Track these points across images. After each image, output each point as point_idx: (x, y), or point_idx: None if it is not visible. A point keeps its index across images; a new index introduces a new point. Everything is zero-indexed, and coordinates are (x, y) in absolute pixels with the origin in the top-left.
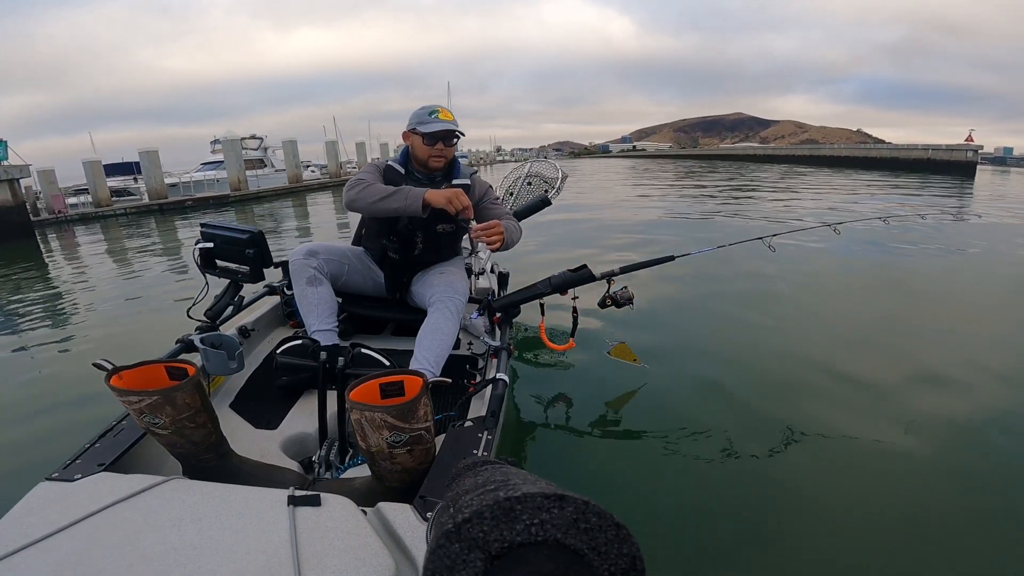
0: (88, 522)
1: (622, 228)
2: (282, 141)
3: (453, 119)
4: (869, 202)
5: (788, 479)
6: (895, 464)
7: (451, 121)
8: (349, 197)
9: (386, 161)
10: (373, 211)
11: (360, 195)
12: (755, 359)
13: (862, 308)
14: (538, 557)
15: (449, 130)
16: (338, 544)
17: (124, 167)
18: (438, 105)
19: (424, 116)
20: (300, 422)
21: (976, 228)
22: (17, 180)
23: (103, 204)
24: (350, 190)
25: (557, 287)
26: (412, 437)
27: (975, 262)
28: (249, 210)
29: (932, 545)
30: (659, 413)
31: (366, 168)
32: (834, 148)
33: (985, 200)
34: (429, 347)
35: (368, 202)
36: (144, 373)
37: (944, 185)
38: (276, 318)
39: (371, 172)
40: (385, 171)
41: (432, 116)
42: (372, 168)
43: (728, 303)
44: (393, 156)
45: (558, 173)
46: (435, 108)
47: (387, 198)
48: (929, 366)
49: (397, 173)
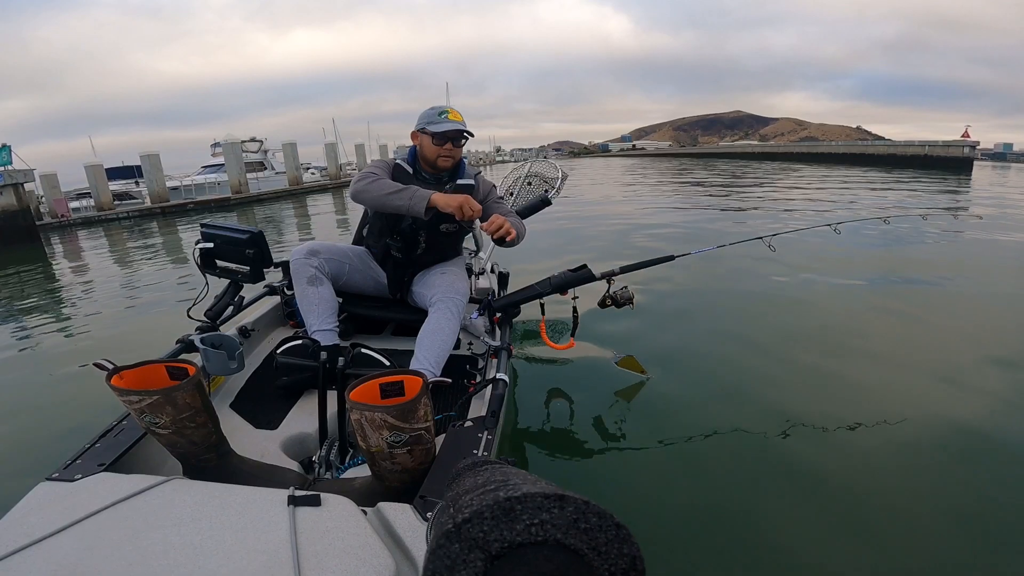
0: (88, 522)
1: (622, 228)
2: (282, 144)
3: (463, 120)
4: (865, 200)
5: (789, 479)
6: (900, 466)
7: (461, 122)
8: (357, 188)
9: (395, 159)
10: (378, 205)
11: (368, 187)
12: (755, 359)
13: (862, 308)
14: (538, 557)
15: (459, 130)
16: (338, 544)
17: (125, 171)
18: (448, 105)
19: (434, 116)
20: (300, 422)
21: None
22: (21, 184)
23: (105, 208)
24: (359, 181)
25: (557, 287)
26: (412, 437)
27: (977, 258)
28: (250, 212)
29: (934, 546)
30: (659, 413)
31: (376, 163)
32: (831, 145)
33: (983, 198)
34: (429, 347)
35: (375, 195)
36: (144, 373)
37: (941, 182)
38: (276, 318)
39: (380, 167)
40: (394, 169)
41: (442, 116)
42: (382, 164)
43: (728, 303)
44: (394, 156)
45: (558, 173)
46: (445, 108)
47: (394, 194)
48: (936, 367)
49: (405, 172)
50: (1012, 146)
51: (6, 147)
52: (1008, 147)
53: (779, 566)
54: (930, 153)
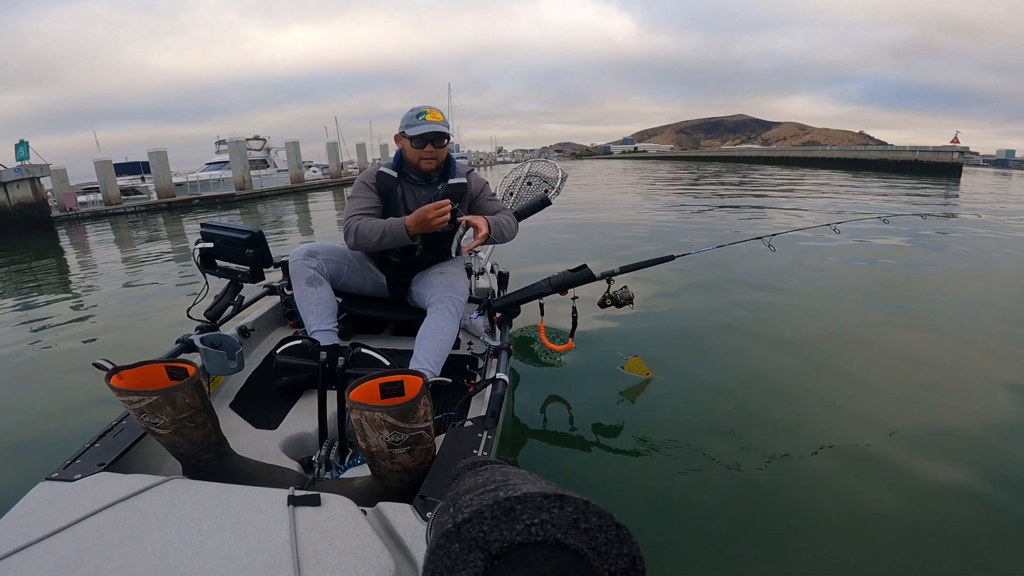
0: (88, 522)
1: (622, 227)
2: (285, 143)
3: (442, 119)
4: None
5: (789, 478)
6: (900, 467)
7: (439, 122)
8: (348, 244)
9: (378, 168)
10: (376, 250)
11: (358, 244)
12: (755, 359)
13: (861, 308)
14: (538, 557)
15: (437, 132)
16: (338, 544)
17: (131, 167)
18: (427, 106)
19: (412, 118)
20: (300, 422)
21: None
22: (38, 179)
23: (113, 202)
24: (347, 237)
25: (557, 287)
26: (412, 437)
27: (973, 265)
28: (253, 208)
29: (935, 547)
30: (659, 412)
31: (356, 189)
32: (826, 150)
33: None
34: (429, 347)
35: (368, 247)
36: (144, 373)
37: (929, 188)
38: (276, 318)
39: (361, 195)
40: (378, 179)
41: (420, 118)
42: (361, 188)
43: (727, 303)
44: (377, 160)
45: (558, 173)
46: (423, 109)
47: (381, 239)
48: (938, 371)
49: (390, 179)
50: (1014, 153)
51: (24, 143)
52: (1010, 154)
53: (779, 566)
54: (920, 158)
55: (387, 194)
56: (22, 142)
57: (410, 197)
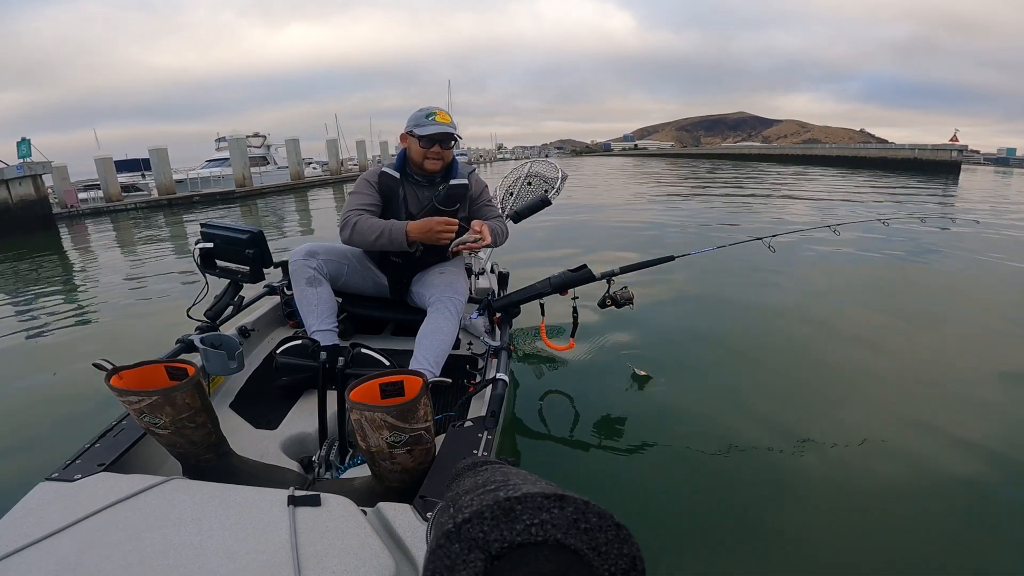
0: (88, 522)
1: (622, 227)
2: (285, 140)
3: (451, 121)
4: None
5: (789, 478)
6: (900, 467)
7: (448, 124)
8: (343, 237)
9: (380, 168)
10: (370, 249)
11: (352, 239)
12: (755, 359)
13: (861, 308)
14: (538, 557)
15: (446, 133)
16: (338, 544)
17: (131, 164)
18: (436, 107)
19: (421, 119)
20: (300, 422)
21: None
22: (40, 176)
23: (114, 199)
24: (343, 230)
25: (557, 287)
26: (412, 437)
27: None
28: (254, 205)
29: (935, 548)
30: (659, 413)
31: (359, 186)
32: (826, 148)
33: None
34: (429, 347)
35: (363, 245)
36: (144, 373)
37: (928, 187)
38: (276, 318)
39: (363, 191)
40: (380, 179)
41: (429, 119)
42: (364, 185)
43: (727, 303)
44: (391, 159)
45: (558, 173)
46: (432, 110)
47: (377, 239)
48: (935, 370)
49: (392, 179)
50: (1015, 151)
51: (26, 141)
52: (1011, 152)
53: (779, 566)
54: (919, 156)
55: (388, 194)
56: (24, 140)
57: (411, 197)
